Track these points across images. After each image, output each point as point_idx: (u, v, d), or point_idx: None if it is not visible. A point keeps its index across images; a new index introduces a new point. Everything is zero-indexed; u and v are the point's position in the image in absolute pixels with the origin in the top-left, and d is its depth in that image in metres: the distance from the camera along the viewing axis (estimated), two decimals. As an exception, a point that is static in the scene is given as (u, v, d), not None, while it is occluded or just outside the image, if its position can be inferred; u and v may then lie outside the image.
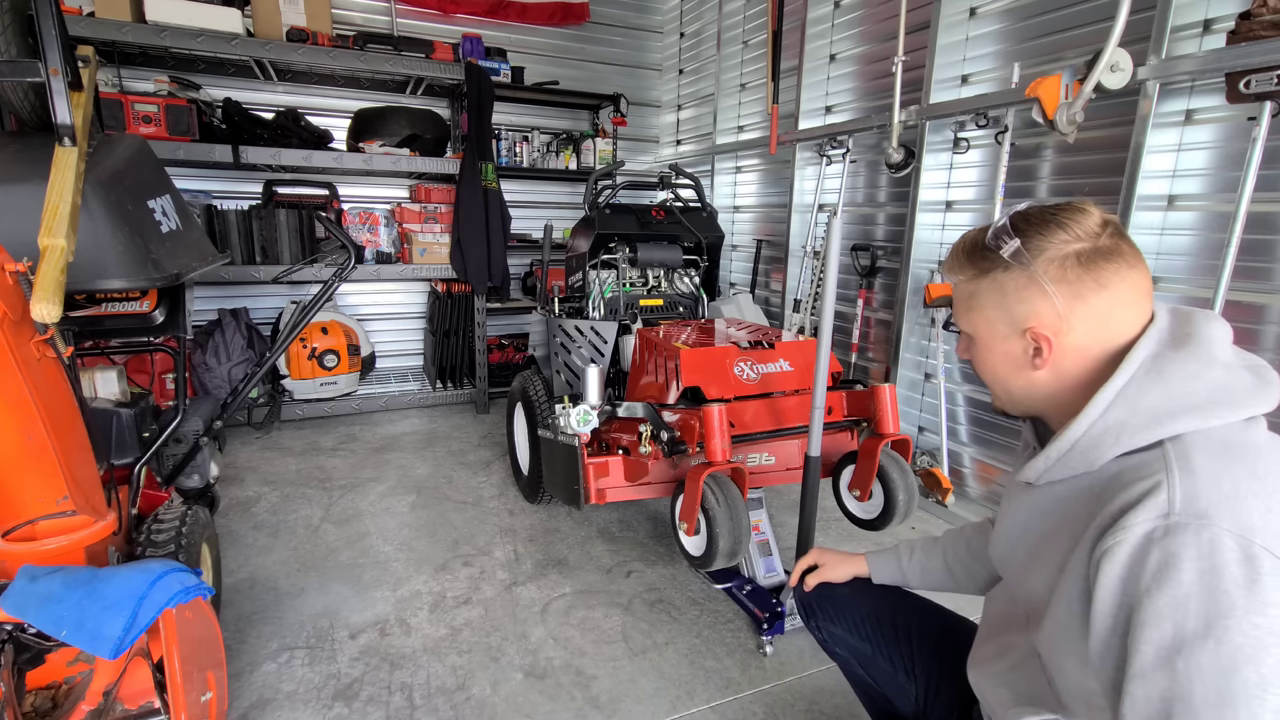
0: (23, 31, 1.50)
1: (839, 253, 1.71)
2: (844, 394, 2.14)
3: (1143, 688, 0.68)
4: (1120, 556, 0.71)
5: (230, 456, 3.39)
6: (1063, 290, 0.81)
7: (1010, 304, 0.85)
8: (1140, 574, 0.70)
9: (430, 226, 4.15)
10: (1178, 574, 0.67)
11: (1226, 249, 1.95)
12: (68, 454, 1.29)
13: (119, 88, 3.72)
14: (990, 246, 0.87)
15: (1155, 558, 0.69)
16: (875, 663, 1.27)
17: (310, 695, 1.76)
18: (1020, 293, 0.83)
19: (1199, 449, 0.73)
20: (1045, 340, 0.83)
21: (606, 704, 1.75)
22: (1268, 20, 1.79)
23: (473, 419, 4.11)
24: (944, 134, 2.94)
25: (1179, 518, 0.69)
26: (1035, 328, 0.83)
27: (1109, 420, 0.78)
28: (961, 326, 0.94)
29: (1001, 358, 0.89)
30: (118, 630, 1.17)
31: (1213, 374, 0.77)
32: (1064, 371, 0.85)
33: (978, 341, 0.92)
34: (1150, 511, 0.70)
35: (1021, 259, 0.83)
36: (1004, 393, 0.93)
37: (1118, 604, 0.72)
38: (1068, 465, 0.83)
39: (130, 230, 1.52)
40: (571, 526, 2.71)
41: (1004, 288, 0.85)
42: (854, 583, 1.35)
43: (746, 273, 4.49)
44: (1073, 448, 0.82)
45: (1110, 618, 0.72)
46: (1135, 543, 0.70)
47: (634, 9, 5.24)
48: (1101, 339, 0.82)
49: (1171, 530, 0.69)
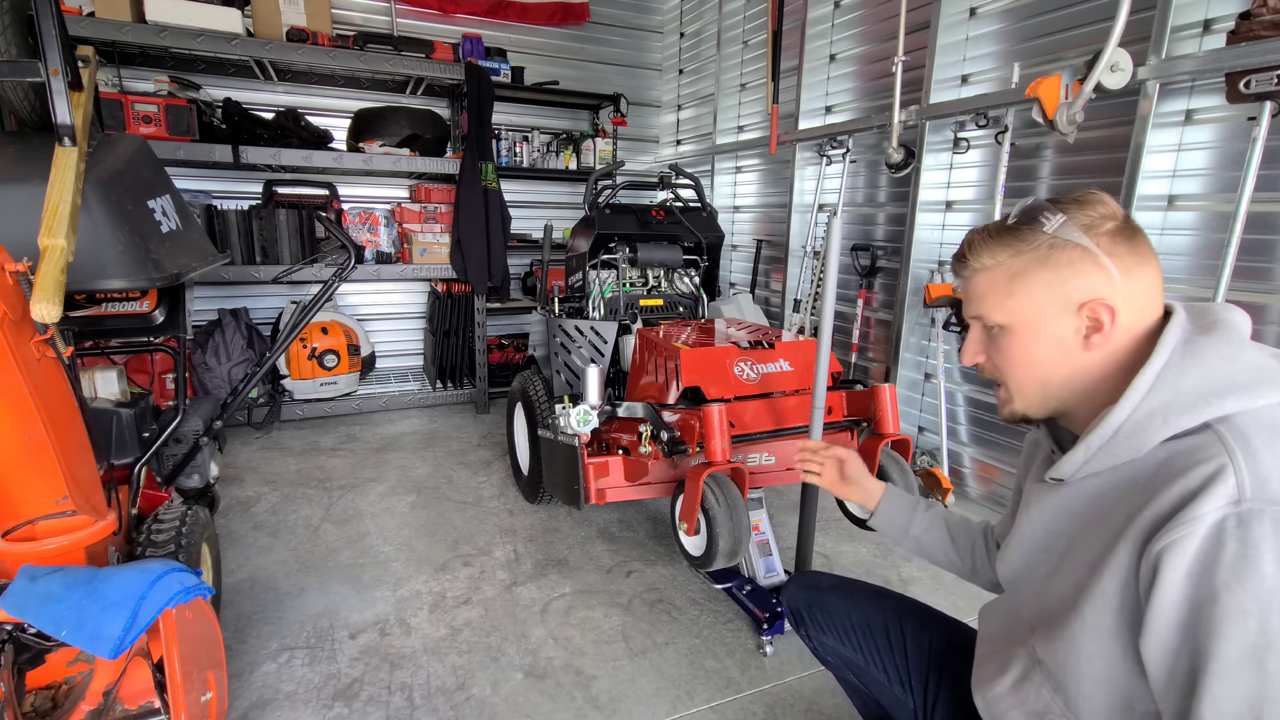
0: (23, 31, 1.50)
1: (839, 253, 1.71)
2: (844, 394, 2.14)
3: (1227, 688, 0.64)
4: (1189, 548, 0.67)
5: (230, 456, 3.39)
6: (1116, 263, 0.79)
7: (1064, 279, 0.80)
8: (1215, 566, 0.65)
9: (430, 226, 4.15)
10: (1260, 566, 0.63)
11: (1226, 249, 1.95)
12: (68, 454, 1.29)
13: (119, 88, 3.73)
14: (1029, 224, 0.83)
15: (1231, 549, 0.65)
16: (869, 673, 1.22)
17: (310, 695, 1.76)
18: (1074, 266, 0.79)
19: (1255, 430, 0.70)
20: (1108, 310, 0.78)
21: (606, 704, 1.75)
22: (1268, 20, 1.79)
23: (473, 419, 4.11)
24: (944, 134, 2.94)
25: (1252, 504, 0.65)
26: (1095, 300, 0.79)
27: (1153, 402, 0.75)
28: (994, 318, 0.86)
29: (1048, 343, 0.83)
30: (118, 630, 1.17)
31: (1248, 355, 0.75)
32: (1110, 352, 0.81)
33: (1016, 330, 0.85)
34: (1219, 499, 0.66)
35: (1069, 232, 0.80)
36: (1037, 388, 0.86)
37: (1186, 599, 0.67)
38: (1111, 453, 0.78)
39: (130, 230, 1.52)
40: (571, 526, 2.71)
41: (1054, 262, 0.80)
42: (843, 590, 1.29)
43: (746, 273, 4.49)
44: (1117, 433, 0.77)
45: (1176, 613, 0.68)
46: (1206, 533, 0.66)
47: (634, 9, 5.24)
48: (1143, 318, 0.80)
49: (1246, 519, 0.65)
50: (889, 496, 1.28)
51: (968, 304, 0.90)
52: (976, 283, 0.87)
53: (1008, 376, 0.88)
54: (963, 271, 0.90)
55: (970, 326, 0.92)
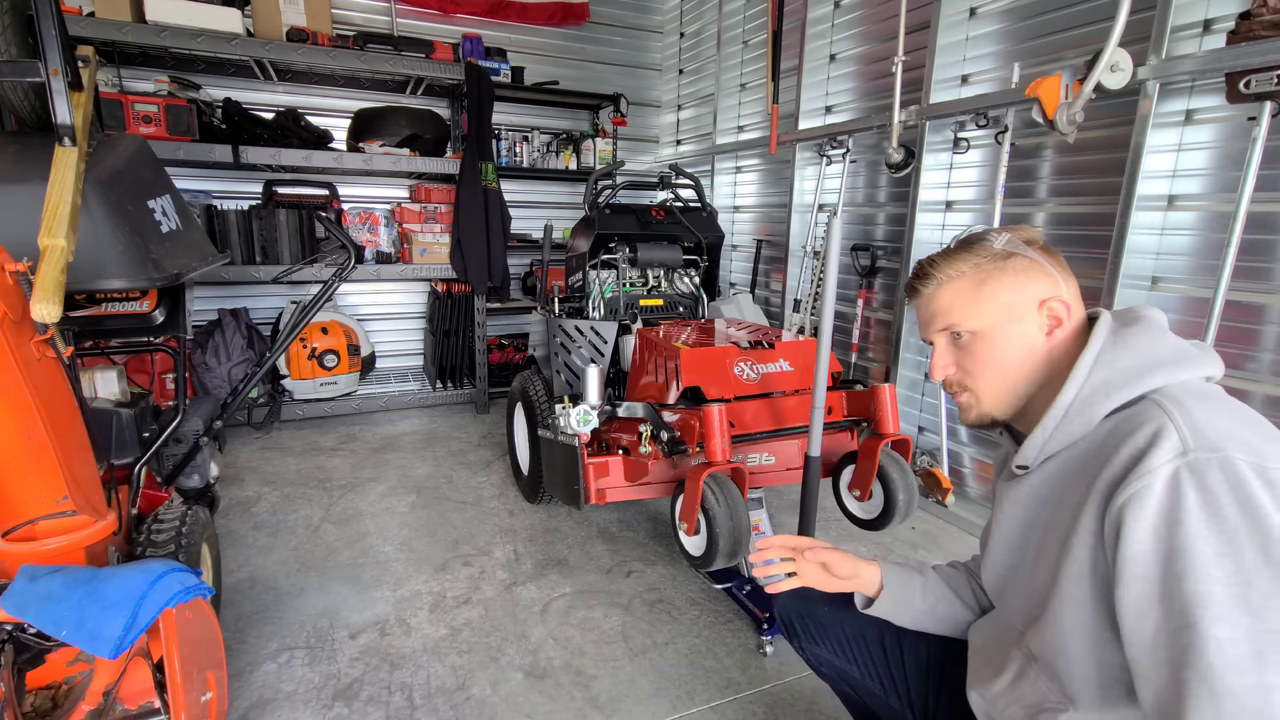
0: (23, 31, 1.50)
1: (839, 253, 1.71)
2: (844, 394, 2.14)
3: (1225, 628, 0.67)
4: (1150, 501, 0.72)
5: (230, 456, 3.39)
6: (1056, 269, 0.92)
7: (1023, 284, 0.92)
8: (1181, 517, 0.70)
9: (430, 226, 4.15)
10: (1222, 511, 0.69)
11: (1226, 249, 1.95)
12: (68, 454, 1.29)
13: (119, 88, 3.73)
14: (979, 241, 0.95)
15: (1193, 499, 0.70)
16: (864, 685, 1.20)
17: (310, 695, 1.76)
18: (1028, 273, 0.92)
19: (1184, 394, 0.79)
20: (1064, 305, 0.91)
21: (606, 704, 1.75)
22: (1268, 20, 1.79)
23: (473, 419, 4.11)
24: (944, 134, 2.94)
25: (1198, 453, 0.71)
26: (1052, 298, 0.91)
27: (1095, 380, 0.85)
28: (965, 325, 0.94)
29: (1016, 341, 0.92)
30: (118, 630, 1.17)
31: (1168, 340, 0.86)
32: (1062, 345, 0.92)
33: (986, 333, 0.93)
34: (1167, 452, 0.73)
35: (1018, 246, 0.93)
36: (1002, 387, 0.94)
37: (1157, 552, 0.71)
38: (1066, 430, 0.87)
39: (130, 230, 1.52)
40: (571, 526, 2.71)
41: (1012, 269, 0.92)
42: (836, 600, 1.22)
43: (746, 273, 4.49)
44: (1068, 411, 0.86)
45: (1148, 566, 0.72)
46: (1164, 486, 0.71)
47: (634, 9, 5.23)
48: (1077, 315, 0.93)
49: (1197, 467, 0.71)
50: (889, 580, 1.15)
51: (932, 321, 0.98)
52: (941, 296, 0.96)
53: (978, 380, 0.96)
54: (924, 289, 0.98)
55: (935, 343, 0.99)
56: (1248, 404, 0.81)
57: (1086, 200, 2.47)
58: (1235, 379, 2.06)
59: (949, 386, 1.00)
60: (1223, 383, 0.87)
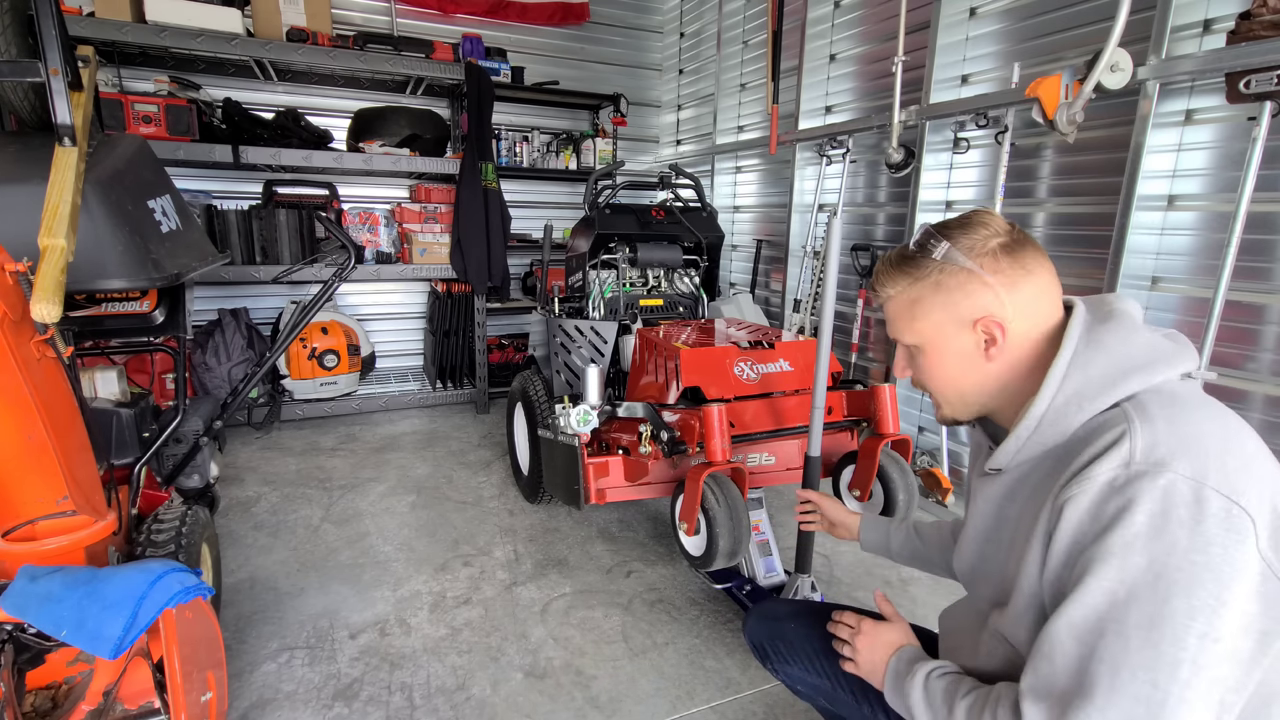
0: (23, 31, 1.50)
1: (839, 253, 1.71)
2: (844, 394, 2.14)
3: (1080, 609, 0.73)
4: (1083, 502, 0.76)
5: (230, 456, 3.39)
6: (999, 280, 0.87)
7: (955, 301, 0.89)
8: (1100, 517, 0.74)
9: (430, 226, 4.15)
10: (1131, 516, 0.72)
11: (1226, 249, 1.95)
12: (68, 454, 1.29)
13: (119, 88, 3.73)
14: (921, 252, 0.92)
15: (1114, 503, 0.73)
16: (837, 696, 1.21)
17: (310, 695, 1.76)
18: (963, 289, 0.88)
19: (1154, 401, 0.79)
20: (998, 326, 0.87)
21: (606, 704, 1.75)
22: (1268, 20, 1.79)
23: (473, 419, 4.11)
24: (944, 134, 2.94)
25: (1139, 466, 0.74)
26: (985, 318, 0.88)
27: (1067, 390, 0.84)
28: (906, 340, 0.96)
29: (954, 358, 0.92)
30: (118, 630, 1.17)
31: (1141, 337, 0.84)
32: (1012, 359, 0.89)
33: (925, 349, 0.94)
34: (1113, 461, 0.75)
35: (954, 257, 0.89)
36: (956, 396, 0.95)
37: (1072, 542, 0.77)
38: (1040, 440, 0.86)
39: (130, 230, 1.52)
40: (571, 526, 2.71)
41: (945, 287, 0.89)
42: (801, 616, 1.30)
43: (746, 273, 4.49)
44: (1040, 421, 0.86)
45: (1064, 554, 0.77)
46: (1097, 490, 0.75)
47: (634, 9, 5.23)
48: (1037, 323, 0.88)
49: (1132, 478, 0.73)
50: (866, 524, 1.41)
51: (887, 326, 1.00)
52: (888, 309, 0.97)
53: (930, 389, 0.98)
54: (876, 298, 0.99)
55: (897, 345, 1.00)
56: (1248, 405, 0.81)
57: (1086, 200, 2.47)
58: (1235, 379, 2.06)
59: (915, 385, 1.01)
60: (1223, 383, 0.87)
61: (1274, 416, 2.00)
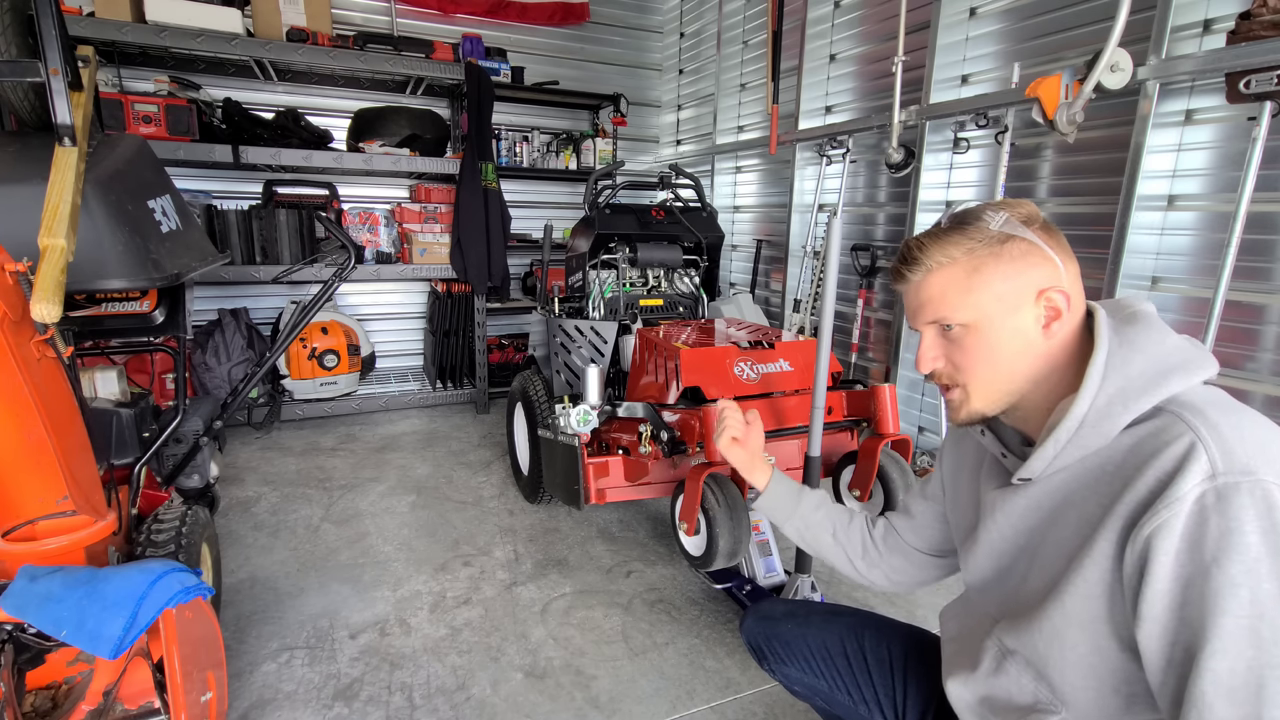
0: (23, 31, 1.50)
1: (839, 253, 1.71)
2: (844, 394, 2.14)
3: (1225, 661, 0.65)
4: (1176, 528, 0.68)
5: (230, 456, 3.39)
6: (1059, 253, 0.83)
7: (1020, 270, 0.83)
8: (1203, 543, 0.67)
9: (430, 226, 4.15)
10: (1243, 539, 0.65)
11: (1226, 249, 1.95)
12: (68, 454, 1.29)
13: (119, 88, 3.72)
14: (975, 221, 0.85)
15: (1215, 524, 0.67)
16: (834, 698, 1.20)
17: (310, 695, 1.76)
18: (1026, 258, 0.83)
19: (1204, 404, 0.73)
20: (1064, 295, 0.82)
21: (606, 704, 1.75)
22: (1268, 20, 1.79)
23: (473, 419, 4.11)
24: (944, 134, 2.94)
25: (1226, 477, 0.67)
26: (1050, 288, 0.82)
27: (1110, 389, 0.78)
28: (957, 317, 0.85)
29: (1009, 335, 0.84)
30: (118, 630, 1.17)
31: (1172, 339, 0.80)
32: (1061, 341, 0.84)
33: (979, 326, 0.85)
34: (1196, 475, 0.68)
35: (1014, 227, 0.83)
36: (994, 383, 0.86)
37: (1177, 578, 0.69)
38: (1081, 444, 0.80)
39: (130, 230, 1.52)
40: (571, 526, 2.71)
41: (1008, 255, 0.83)
42: (797, 616, 1.28)
43: (746, 273, 4.49)
44: (1082, 424, 0.79)
45: (1169, 594, 0.69)
46: (1190, 511, 0.68)
47: (634, 9, 5.24)
48: (1080, 305, 0.84)
49: (1224, 493, 0.67)
50: (778, 478, 1.29)
51: (920, 310, 0.89)
52: (930, 285, 0.87)
53: (970, 376, 0.88)
54: (911, 276, 0.89)
55: (923, 333, 0.91)
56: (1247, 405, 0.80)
57: (1086, 200, 2.47)
58: (1235, 379, 2.06)
59: (937, 379, 0.92)
60: (1223, 383, 0.87)
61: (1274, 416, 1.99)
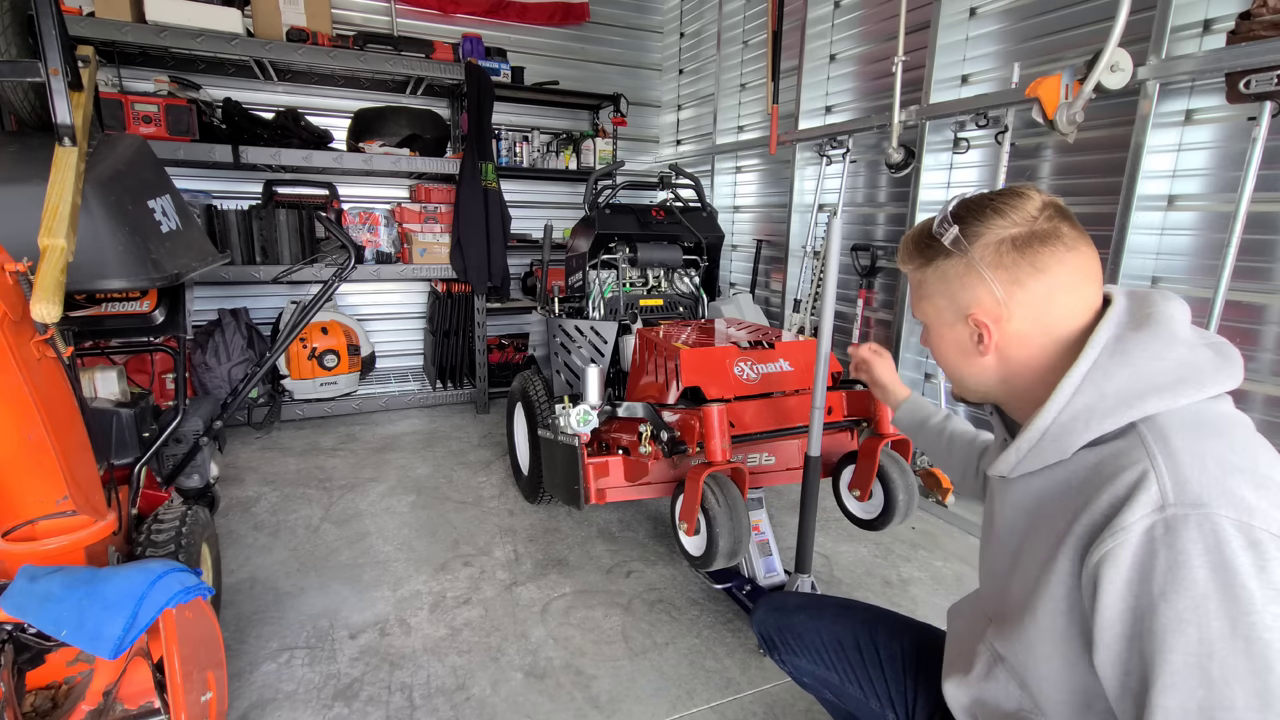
0: (23, 31, 1.50)
1: (839, 253, 1.71)
2: (844, 394, 2.14)
3: (1176, 698, 0.65)
4: (1124, 558, 0.68)
5: (230, 456, 3.39)
6: (1000, 276, 0.82)
7: (953, 291, 0.86)
8: (1150, 576, 0.67)
9: (430, 226, 4.15)
10: (1190, 574, 0.64)
11: (1226, 249, 1.95)
12: (68, 454, 1.29)
13: (119, 88, 3.73)
14: (934, 235, 0.88)
15: (1163, 558, 0.66)
16: (845, 691, 1.20)
17: (310, 695, 1.76)
18: (961, 279, 0.85)
19: (1174, 429, 0.72)
20: (985, 327, 0.84)
21: (606, 704, 1.75)
22: (1268, 20, 1.79)
23: (473, 419, 4.11)
24: (944, 134, 2.94)
25: (1175, 509, 0.66)
26: (976, 314, 0.84)
27: (1076, 406, 0.77)
28: (915, 315, 0.96)
29: (951, 345, 0.90)
30: (118, 630, 1.17)
31: (1176, 353, 0.76)
32: (1012, 359, 0.85)
33: (930, 328, 0.93)
34: (1144, 506, 0.68)
35: (959, 246, 0.84)
36: (958, 379, 0.94)
37: (1128, 609, 0.69)
38: (1040, 456, 0.81)
39: (130, 230, 1.52)
40: (571, 526, 2.71)
41: (946, 275, 0.86)
42: (810, 608, 1.29)
43: (746, 273, 4.49)
44: (1042, 437, 0.80)
45: (1120, 624, 0.69)
46: (1137, 543, 0.67)
47: (634, 9, 5.24)
48: (1045, 326, 0.82)
49: (1172, 525, 0.66)
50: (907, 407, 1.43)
51: None
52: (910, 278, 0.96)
53: (939, 365, 0.97)
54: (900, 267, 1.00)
55: None
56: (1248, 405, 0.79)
57: (1086, 200, 2.47)
58: (1235, 379, 2.06)
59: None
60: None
61: (1274, 416, 2.00)
